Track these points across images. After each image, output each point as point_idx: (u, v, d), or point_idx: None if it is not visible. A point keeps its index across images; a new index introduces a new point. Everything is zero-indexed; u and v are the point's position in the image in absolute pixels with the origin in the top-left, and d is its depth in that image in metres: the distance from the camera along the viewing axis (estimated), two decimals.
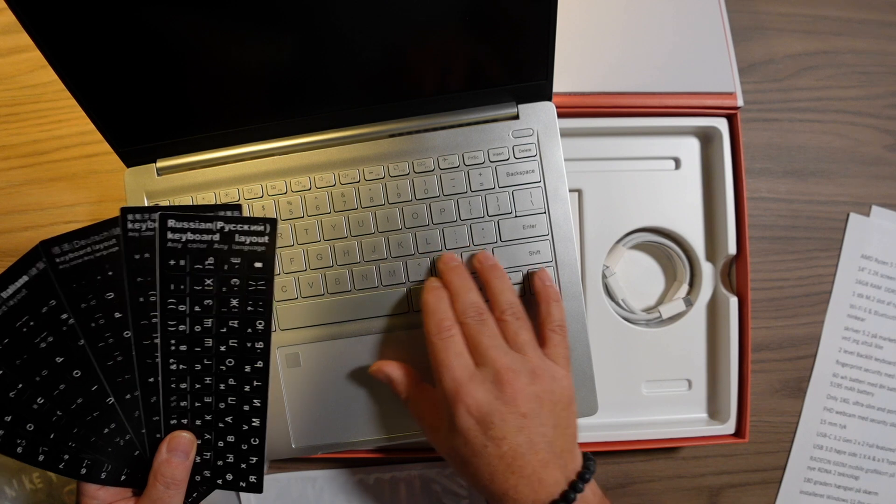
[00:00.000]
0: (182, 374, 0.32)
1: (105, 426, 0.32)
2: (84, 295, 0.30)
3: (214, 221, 0.29)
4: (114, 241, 0.30)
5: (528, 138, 0.42)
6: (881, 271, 0.52)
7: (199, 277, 0.30)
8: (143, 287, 0.31)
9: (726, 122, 0.48)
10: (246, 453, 0.35)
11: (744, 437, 0.46)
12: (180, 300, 0.31)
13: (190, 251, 0.30)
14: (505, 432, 0.33)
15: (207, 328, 0.32)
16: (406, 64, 0.39)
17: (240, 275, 0.31)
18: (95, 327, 0.31)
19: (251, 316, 0.32)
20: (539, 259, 0.42)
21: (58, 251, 0.30)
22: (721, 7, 0.48)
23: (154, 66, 0.37)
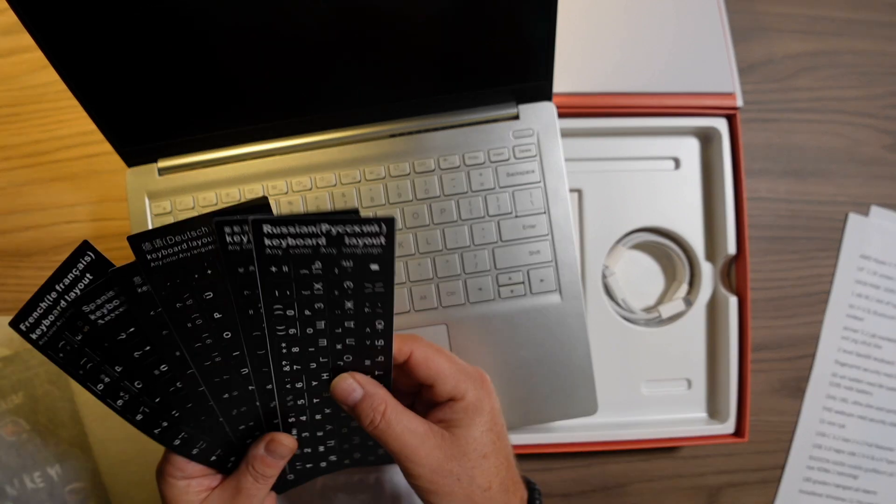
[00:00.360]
0: (297, 374, 0.32)
1: (227, 392, 0.32)
2: (179, 294, 0.29)
3: (318, 224, 0.27)
4: (211, 239, 0.28)
5: (528, 138, 0.42)
6: (880, 271, 0.52)
7: (307, 282, 0.29)
8: (252, 300, 0.29)
9: (726, 122, 0.48)
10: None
11: (743, 436, 0.46)
12: (287, 305, 0.29)
13: (292, 257, 0.28)
14: (503, 426, 0.34)
15: (320, 330, 0.30)
16: (406, 64, 0.39)
17: (353, 278, 0.29)
18: (192, 327, 0.30)
19: (370, 317, 0.30)
20: (539, 259, 0.42)
21: (149, 247, 0.28)
22: (721, 7, 0.48)
23: (155, 66, 0.37)
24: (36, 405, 0.48)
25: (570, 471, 0.50)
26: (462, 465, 0.32)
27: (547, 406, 0.42)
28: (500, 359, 0.42)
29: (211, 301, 0.29)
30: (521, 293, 0.42)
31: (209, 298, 0.29)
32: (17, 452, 0.48)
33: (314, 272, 0.28)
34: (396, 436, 0.31)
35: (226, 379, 0.31)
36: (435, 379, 0.32)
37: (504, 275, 0.42)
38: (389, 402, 0.32)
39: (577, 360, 0.42)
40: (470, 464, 0.32)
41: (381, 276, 0.29)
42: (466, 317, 0.42)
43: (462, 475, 0.31)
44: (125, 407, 0.31)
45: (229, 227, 0.27)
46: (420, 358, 0.32)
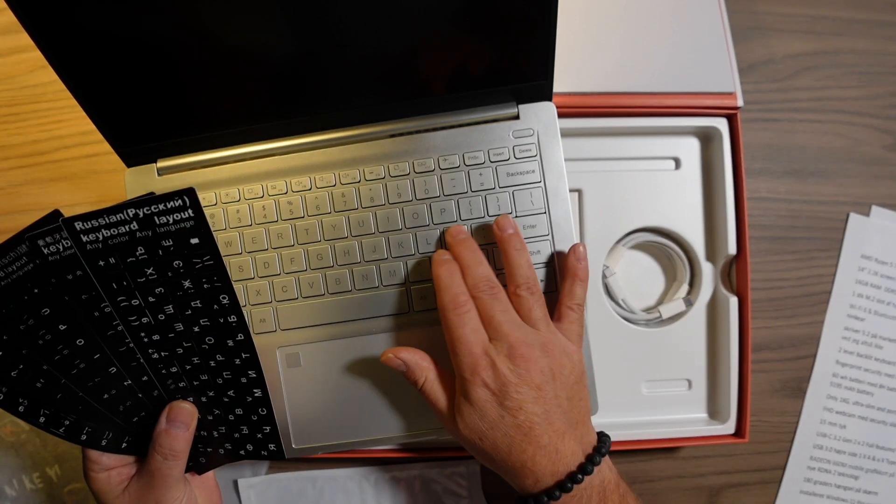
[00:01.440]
0: (168, 360, 0.32)
1: (105, 392, 0.32)
2: (19, 315, 0.29)
3: (125, 210, 0.28)
4: (24, 260, 0.28)
5: (528, 138, 0.42)
6: (881, 271, 0.52)
7: (138, 269, 0.29)
8: (94, 301, 0.29)
9: (726, 122, 0.48)
10: (258, 423, 0.35)
11: (744, 436, 0.46)
12: (129, 295, 0.29)
13: (114, 247, 0.28)
14: (521, 402, 0.34)
15: (171, 314, 0.31)
16: (406, 64, 0.39)
17: (179, 256, 0.29)
18: (44, 343, 0.29)
19: (211, 293, 0.30)
20: (539, 259, 0.42)
21: None
22: (721, 7, 0.48)
23: (154, 65, 0.37)
24: None
25: None
26: (466, 440, 0.36)
27: None
28: None
29: (50, 316, 0.29)
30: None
31: (47, 315, 0.29)
32: (17, 453, 0.48)
33: (140, 258, 0.29)
34: (432, 402, 0.37)
35: (98, 381, 0.32)
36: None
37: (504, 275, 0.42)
38: (429, 376, 0.37)
39: None
40: (470, 443, 0.36)
41: (205, 248, 0.29)
42: None
43: (469, 447, 0.36)
44: (26, 413, 0.31)
45: (42, 238, 0.28)
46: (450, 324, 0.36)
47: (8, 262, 0.28)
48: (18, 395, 0.30)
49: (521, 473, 0.34)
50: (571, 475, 0.34)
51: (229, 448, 0.36)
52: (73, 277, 0.28)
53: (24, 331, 0.29)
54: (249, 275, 0.42)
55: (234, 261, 0.42)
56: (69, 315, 0.29)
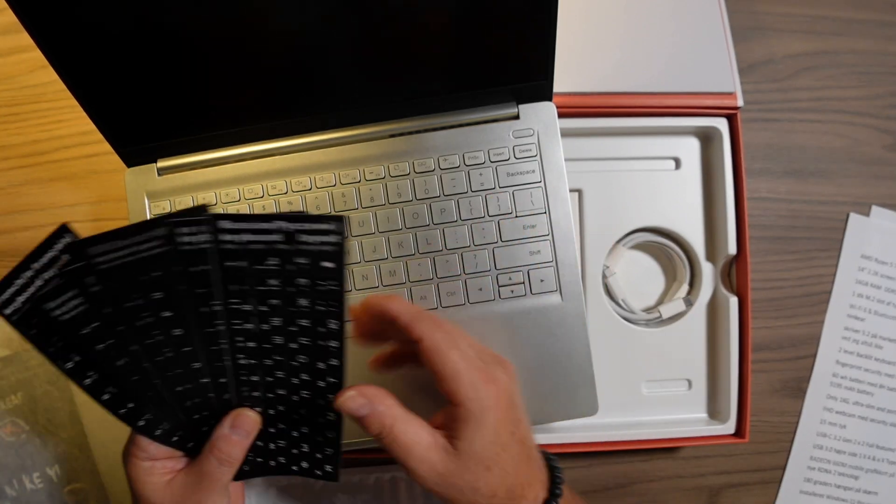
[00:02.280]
0: (253, 368, 0.32)
1: (179, 385, 0.32)
2: (129, 295, 0.29)
3: (273, 221, 0.29)
4: (157, 243, 0.29)
5: (528, 138, 0.42)
6: (881, 271, 0.52)
7: (262, 277, 0.30)
8: (205, 298, 0.30)
9: (726, 122, 0.48)
10: (321, 444, 0.35)
11: (744, 436, 0.46)
12: (244, 300, 0.30)
13: (249, 252, 0.29)
14: (521, 413, 0.33)
15: (276, 327, 0.31)
16: (406, 63, 0.39)
17: (308, 275, 0.30)
18: (143, 325, 0.30)
19: (323, 315, 0.31)
20: (539, 259, 0.42)
21: (96, 251, 0.29)
22: (721, 7, 0.48)
23: (154, 65, 0.37)
24: (35, 405, 0.48)
25: (571, 471, 0.50)
26: (464, 478, 0.31)
27: (547, 406, 0.42)
28: None
29: (158, 301, 0.30)
30: (522, 293, 0.42)
31: (156, 299, 0.29)
32: (17, 453, 0.48)
33: (269, 267, 0.29)
34: (401, 447, 0.31)
35: (178, 373, 0.32)
36: (438, 374, 0.32)
37: (504, 275, 0.42)
38: (398, 416, 0.32)
39: (577, 361, 0.42)
40: (472, 477, 0.31)
41: (333, 274, 0.30)
42: (466, 317, 0.42)
43: (465, 487, 0.31)
44: (92, 387, 0.31)
45: (186, 226, 0.28)
46: (428, 348, 0.32)
47: (140, 241, 0.28)
48: (92, 368, 0.31)
49: (522, 493, 0.33)
50: (554, 483, 0.34)
51: (282, 462, 0.36)
52: (196, 271, 0.29)
53: (128, 309, 0.30)
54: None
55: None
56: (176, 305, 0.30)
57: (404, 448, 0.31)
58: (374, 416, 0.31)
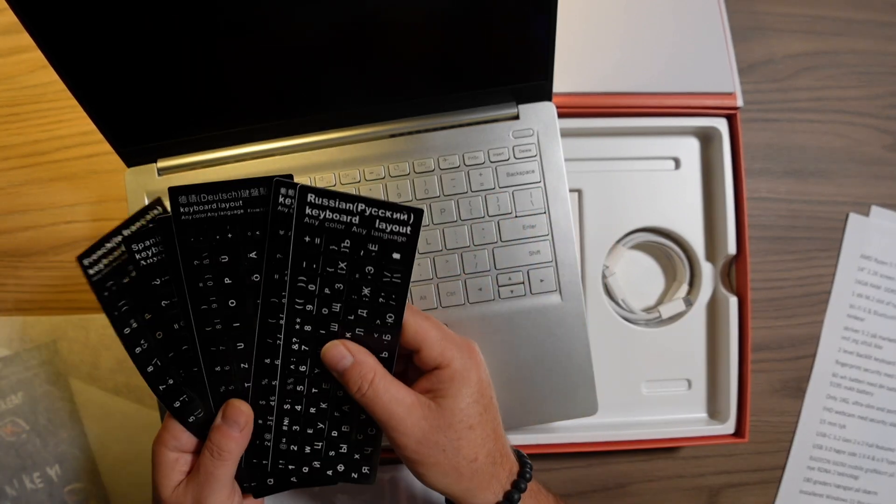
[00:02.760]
0: (302, 356, 0.32)
1: (219, 365, 0.32)
2: (199, 252, 0.30)
3: (356, 203, 0.29)
4: (240, 203, 0.29)
5: (528, 138, 0.42)
6: (881, 271, 0.52)
7: (333, 259, 0.29)
8: (281, 265, 0.30)
9: (726, 122, 0.48)
10: (361, 443, 0.34)
11: (743, 436, 0.46)
12: (311, 279, 0.30)
13: (326, 230, 0.29)
14: (493, 394, 0.35)
15: (335, 313, 0.31)
16: (406, 64, 0.39)
17: (375, 263, 0.30)
18: (203, 287, 0.31)
19: (382, 308, 0.31)
20: (539, 259, 0.42)
21: (184, 201, 0.29)
22: (721, 7, 0.48)
23: (155, 66, 0.37)
24: (35, 405, 0.48)
25: (570, 471, 0.50)
26: (448, 436, 0.32)
27: (547, 406, 0.42)
28: (500, 359, 0.42)
29: (225, 265, 0.30)
30: (521, 293, 0.42)
31: (224, 262, 0.30)
32: (17, 453, 0.48)
33: (342, 250, 0.29)
34: (383, 405, 0.31)
35: (221, 350, 0.31)
36: (420, 344, 0.32)
37: (504, 275, 0.42)
38: (378, 371, 0.32)
39: (577, 360, 0.42)
40: (455, 435, 0.32)
41: (401, 267, 0.30)
42: (466, 317, 0.42)
43: (447, 446, 0.32)
44: (142, 355, 0.32)
45: (285, 188, 0.29)
46: (408, 324, 0.32)
47: (224, 199, 0.29)
48: (145, 336, 0.31)
49: (501, 459, 0.33)
50: (515, 483, 0.34)
51: (316, 467, 0.35)
52: (282, 234, 0.29)
53: (194, 267, 0.30)
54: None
55: None
56: (239, 273, 0.30)
57: (386, 406, 0.31)
58: (355, 368, 0.31)
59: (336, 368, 0.32)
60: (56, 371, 0.49)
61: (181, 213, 0.29)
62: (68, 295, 0.50)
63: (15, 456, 0.48)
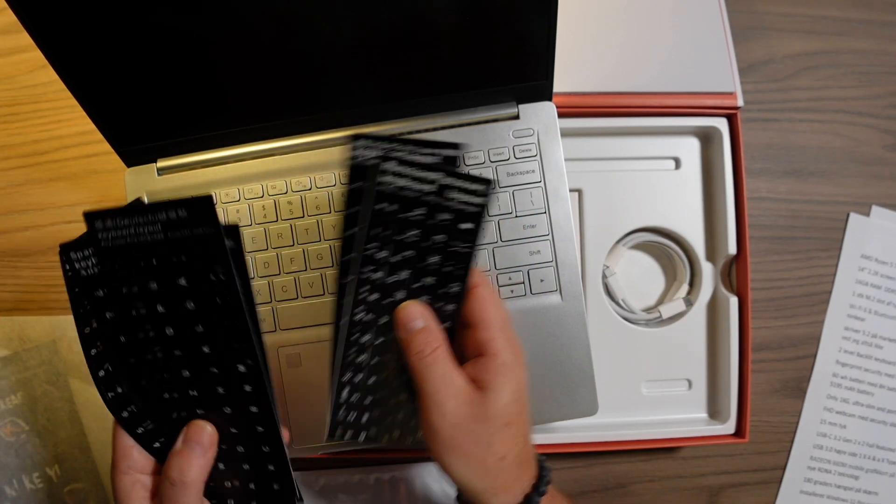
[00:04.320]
0: (366, 326, 0.31)
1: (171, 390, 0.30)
2: (126, 279, 0.28)
3: (435, 171, 0.28)
4: (159, 227, 0.27)
5: (528, 138, 0.42)
6: (881, 271, 0.52)
7: (405, 227, 0.29)
8: (353, 219, 0.29)
9: (726, 122, 0.48)
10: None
11: (744, 436, 0.46)
12: (383, 245, 0.29)
13: (400, 199, 0.28)
14: (527, 400, 0.34)
15: (402, 280, 0.30)
16: (406, 64, 0.39)
17: (446, 232, 0.29)
18: (136, 316, 0.29)
19: (448, 278, 0.30)
20: (539, 259, 0.42)
21: (100, 226, 0.27)
22: (721, 7, 0.48)
23: (154, 66, 0.37)
24: (35, 405, 0.48)
25: (570, 471, 0.50)
26: (485, 427, 0.31)
27: (547, 406, 0.42)
28: None
29: (155, 293, 0.28)
30: (521, 293, 0.42)
31: (154, 290, 0.28)
32: (16, 453, 0.48)
33: (414, 217, 0.29)
34: (437, 376, 0.31)
35: (166, 377, 0.30)
36: (480, 321, 0.32)
37: (504, 275, 0.42)
38: (444, 344, 0.31)
39: (577, 360, 0.42)
40: (492, 429, 0.31)
41: (469, 237, 0.29)
42: None
43: (481, 438, 0.31)
44: (96, 358, 0.30)
45: (364, 139, 0.28)
46: (480, 295, 0.32)
47: (141, 223, 0.27)
48: (100, 337, 0.29)
49: (514, 477, 0.32)
50: (536, 486, 0.33)
51: (372, 434, 0.33)
52: (355, 188, 0.29)
53: (123, 294, 0.28)
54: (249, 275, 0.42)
55: None
56: (173, 300, 0.28)
57: (438, 378, 0.31)
58: (424, 333, 0.31)
59: (405, 327, 0.31)
60: (56, 371, 0.49)
61: (99, 240, 0.27)
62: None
63: (14, 456, 0.48)
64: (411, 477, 0.49)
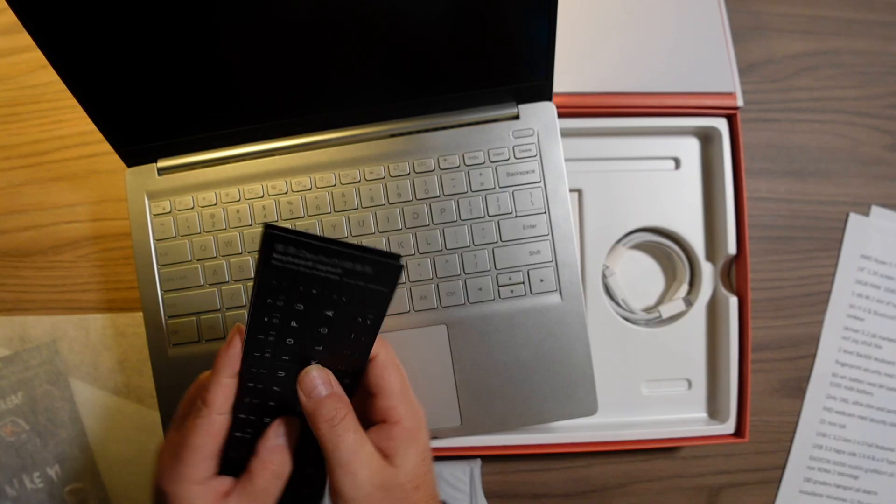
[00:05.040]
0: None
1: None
2: (277, 293, 0.29)
3: (332, 258, 0.28)
4: (339, 272, 0.28)
5: (528, 138, 0.42)
6: (881, 271, 0.52)
7: (304, 299, 0.29)
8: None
9: (726, 122, 0.48)
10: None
11: (744, 436, 0.46)
12: (278, 315, 0.29)
13: (299, 275, 0.28)
14: (431, 460, 0.34)
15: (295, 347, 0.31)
16: (406, 64, 0.39)
17: (347, 307, 0.29)
18: (268, 322, 0.30)
19: (352, 345, 0.31)
20: (539, 259, 0.42)
21: (281, 249, 0.27)
22: (721, 7, 0.48)
23: (154, 66, 0.37)
24: (35, 405, 0.48)
25: (570, 471, 0.50)
26: (396, 494, 0.31)
27: (547, 406, 0.42)
28: (500, 359, 0.42)
29: (298, 312, 0.29)
30: (521, 293, 0.42)
31: (298, 310, 0.29)
32: (17, 452, 0.48)
33: (312, 293, 0.29)
34: (349, 445, 0.30)
35: (262, 373, 0.31)
36: (380, 390, 0.32)
37: (504, 275, 0.42)
38: (351, 412, 0.31)
39: (577, 360, 0.42)
40: (403, 494, 0.31)
41: (373, 313, 0.29)
42: (466, 317, 0.42)
43: (405, 493, 0.31)
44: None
45: (283, 244, 0.27)
46: (380, 363, 0.32)
47: (324, 262, 0.28)
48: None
49: None
50: None
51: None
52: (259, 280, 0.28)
53: (267, 304, 0.29)
54: (249, 275, 0.42)
55: (234, 261, 0.42)
56: (308, 323, 0.29)
57: (350, 447, 0.30)
58: (333, 399, 0.31)
59: (310, 395, 0.31)
60: (56, 371, 0.49)
61: (272, 259, 0.27)
62: (68, 295, 0.50)
63: (15, 456, 0.48)
64: None
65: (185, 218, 0.43)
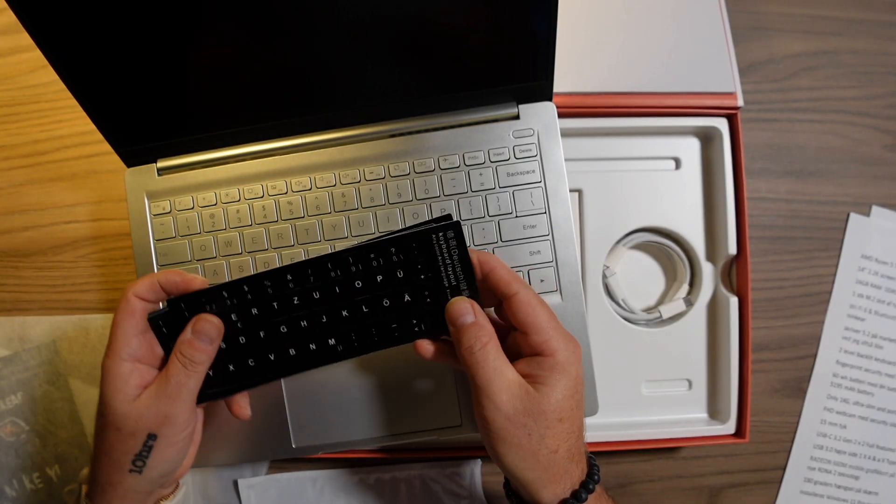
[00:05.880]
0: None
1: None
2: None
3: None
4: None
5: (528, 138, 0.42)
6: (881, 271, 0.52)
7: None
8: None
9: (726, 122, 0.48)
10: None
11: (744, 437, 0.46)
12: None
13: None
14: (583, 395, 0.35)
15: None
16: (406, 64, 0.39)
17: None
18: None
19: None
20: (539, 259, 0.42)
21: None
22: (721, 7, 0.48)
23: (155, 65, 0.37)
24: (35, 405, 0.48)
25: None
26: (537, 422, 0.32)
27: None
28: None
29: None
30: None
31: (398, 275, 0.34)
32: (16, 453, 0.48)
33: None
34: (488, 370, 0.32)
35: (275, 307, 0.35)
36: (530, 327, 0.33)
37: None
38: (494, 339, 0.33)
39: None
40: (545, 423, 0.32)
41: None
42: None
43: (534, 431, 0.32)
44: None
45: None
46: (523, 301, 0.33)
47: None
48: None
49: (563, 471, 0.33)
50: (584, 483, 0.34)
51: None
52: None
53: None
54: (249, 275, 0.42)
55: (234, 261, 0.42)
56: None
57: (489, 372, 0.32)
58: (474, 327, 0.32)
59: (456, 322, 0.33)
60: (56, 371, 0.49)
61: (435, 233, 0.34)
62: (68, 295, 0.50)
63: (15, 456, 0.48)
64: (411, 477, 0.49)
65: (185, 218, 0.43)
